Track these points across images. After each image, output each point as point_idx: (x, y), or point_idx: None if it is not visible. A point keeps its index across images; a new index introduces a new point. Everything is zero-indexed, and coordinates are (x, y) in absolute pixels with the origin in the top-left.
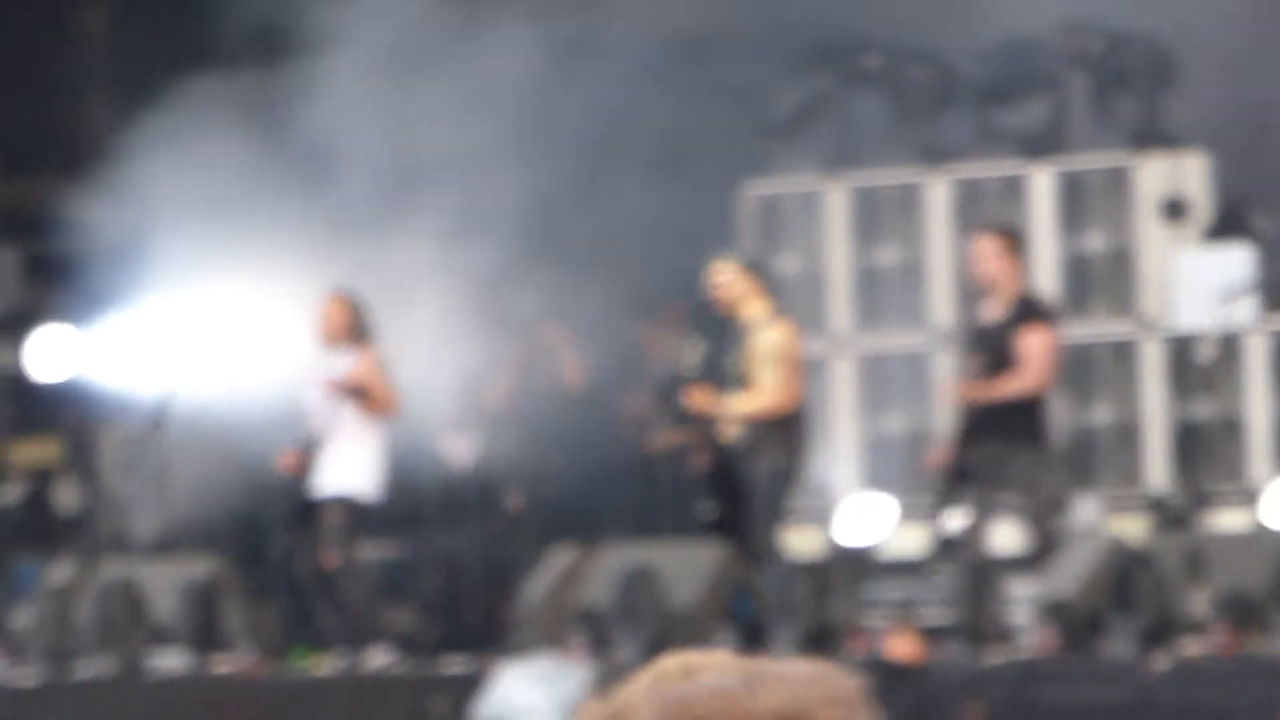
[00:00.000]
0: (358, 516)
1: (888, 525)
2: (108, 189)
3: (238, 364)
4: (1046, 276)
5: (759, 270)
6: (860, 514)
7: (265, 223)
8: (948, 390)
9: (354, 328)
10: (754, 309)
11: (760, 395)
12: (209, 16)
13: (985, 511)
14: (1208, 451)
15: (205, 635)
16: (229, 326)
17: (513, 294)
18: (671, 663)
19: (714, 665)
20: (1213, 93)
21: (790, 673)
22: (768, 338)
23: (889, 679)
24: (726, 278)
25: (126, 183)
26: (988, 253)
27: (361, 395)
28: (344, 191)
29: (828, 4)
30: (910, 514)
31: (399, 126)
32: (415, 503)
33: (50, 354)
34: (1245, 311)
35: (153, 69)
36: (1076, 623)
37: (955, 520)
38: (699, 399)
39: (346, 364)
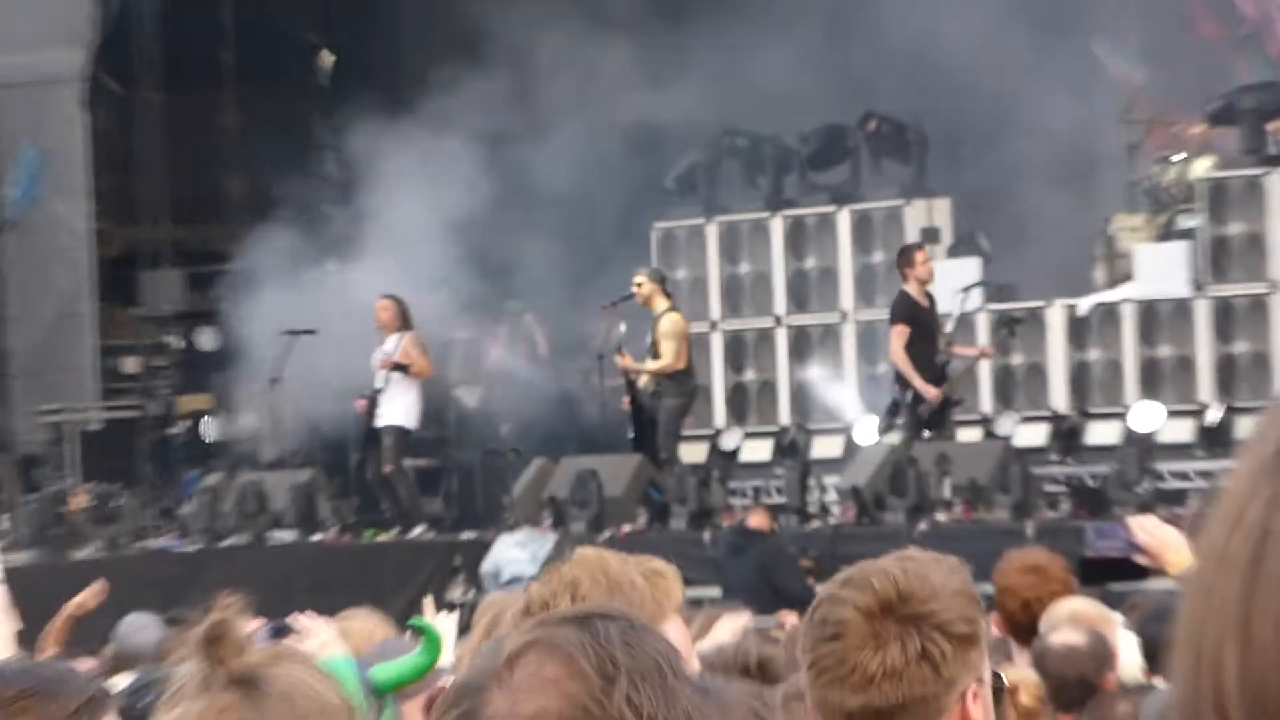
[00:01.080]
0: (405, 439)
1: (743, 442)
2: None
3: (329, 343)
4: (847, 283)
5: (662, 278)
6: (727, 434)
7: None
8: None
9: (400, 320)
10: (659, 303)
11: (662, 360)
12: (308, 127)
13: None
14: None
15: (307, 519)
16: (323, 318)
17: (506, 295)
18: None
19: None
20: (954, 158)
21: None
22: (667, 321)
23: (749, 540)
24: (641, 282)
25: (257, 228)
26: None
27: (404, 369)
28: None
29: (709, 103)
30: (757, 434)
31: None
32: (441, 430)
33: (205, 337)
34: (974, 300)
35: (271, 157)
36: (866, 502)
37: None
38: (624, 362)
39: (397, 343)
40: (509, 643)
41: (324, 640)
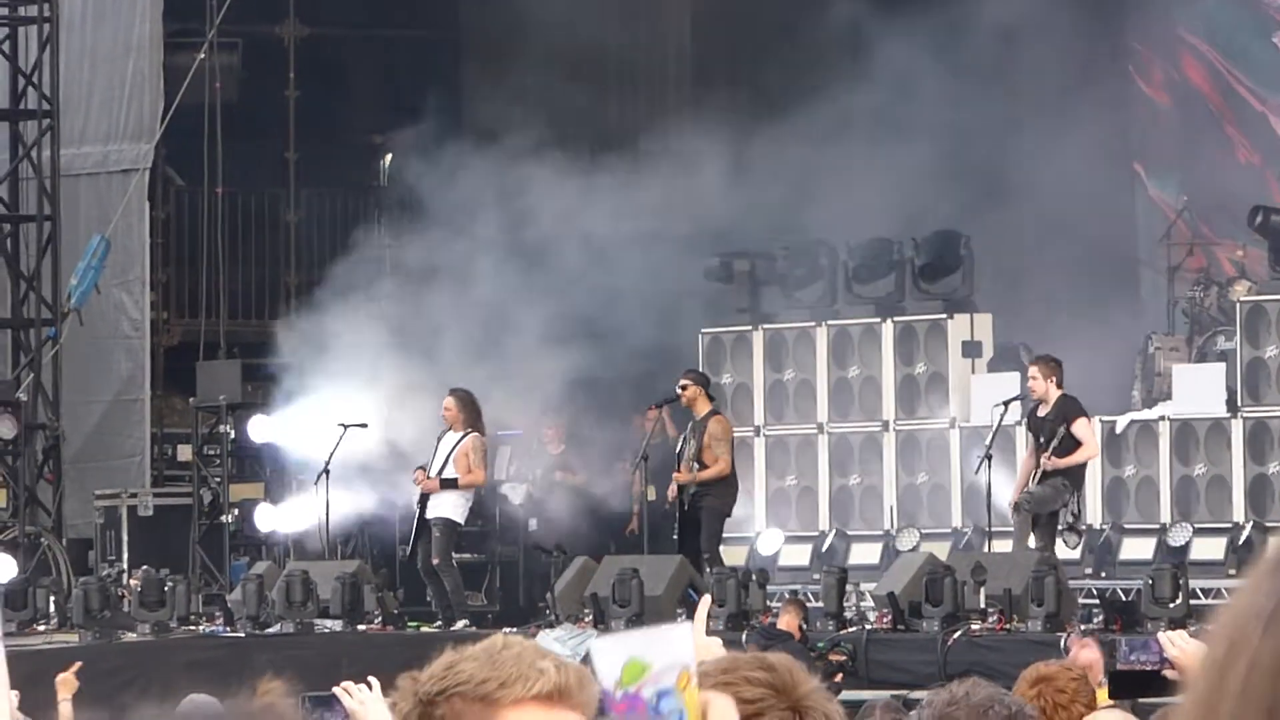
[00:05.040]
0: (452, 534)
1: (781, 544)
2: (300, 327)
3: (375, 436)
4: (889, 392)
5: (707, 382)
6: (766, 538)
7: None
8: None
9: (465, 419)
10: (704, 407)
11: (718, 465)
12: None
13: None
14: (991, 501)
15: (352, 610)
16: (371, 413)
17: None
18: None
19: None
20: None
21: None
22: (716, 424)
23: (774, 639)
24: (687, 385)
25: (311, 323)
26: (1037, 374)
27: (452, 484)
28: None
29: (750, 210)
30: (797, 538)
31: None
32: (486, 527)
33: (258, 428)
34: (1013, 415)
35: (325, 255)
36: (901, 609)
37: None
38: (682, 477)
39: (457, 441)
40: None
41: (366, 699)
